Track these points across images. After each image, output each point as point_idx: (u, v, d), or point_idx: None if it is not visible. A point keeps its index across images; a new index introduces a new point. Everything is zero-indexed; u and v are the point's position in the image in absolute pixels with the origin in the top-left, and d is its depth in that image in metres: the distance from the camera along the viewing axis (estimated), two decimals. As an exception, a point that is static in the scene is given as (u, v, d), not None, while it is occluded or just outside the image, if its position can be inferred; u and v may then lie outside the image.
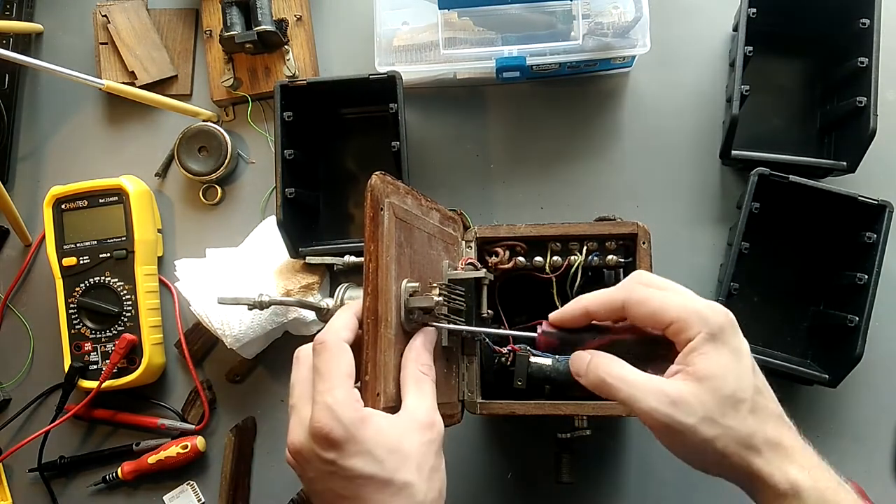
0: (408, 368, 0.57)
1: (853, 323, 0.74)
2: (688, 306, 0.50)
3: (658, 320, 0.51)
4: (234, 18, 0.88)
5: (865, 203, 0.75)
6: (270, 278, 0.84)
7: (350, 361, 0.53)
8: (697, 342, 0.49)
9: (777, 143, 0.85)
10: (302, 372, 0.55)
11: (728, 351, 0.49)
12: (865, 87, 0.77)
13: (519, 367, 0.69)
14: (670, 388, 0.49)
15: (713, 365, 0.49)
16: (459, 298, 0.63)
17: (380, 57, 0.83)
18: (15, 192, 0.94)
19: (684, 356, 0.50)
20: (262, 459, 0.87)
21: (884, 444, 0.80)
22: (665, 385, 0.49)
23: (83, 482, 0.88)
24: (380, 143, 0.85)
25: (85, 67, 0.92)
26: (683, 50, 0.89)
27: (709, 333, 0.49)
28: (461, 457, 0.83)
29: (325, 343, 0.54)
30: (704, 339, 0.49)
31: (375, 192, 0.56)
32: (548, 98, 0.90)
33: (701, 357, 0.49)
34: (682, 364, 0.50)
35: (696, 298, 0.51)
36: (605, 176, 0.88)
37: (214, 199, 0.92)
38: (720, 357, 0.49)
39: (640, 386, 0.50)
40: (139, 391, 0.87)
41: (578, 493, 0.81)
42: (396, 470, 0.51)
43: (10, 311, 0.92)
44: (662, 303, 0.51)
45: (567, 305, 0.55)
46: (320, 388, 0.51)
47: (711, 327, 0.49)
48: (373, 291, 0.54)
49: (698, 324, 0.49)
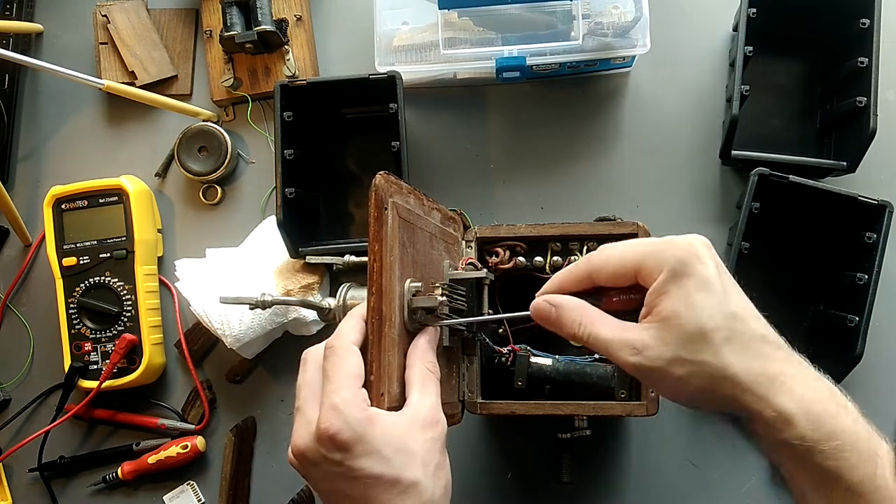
0: (414, 366, 0.57)
1: (853, 323, 0.74)
2: (644, 250, 0.50)
3: (623, 276, 0.50)
4: (234, 18, 0.88)
5: (865, 203, 0.76)
6: (270, 278, 0.84)
7: (358, 363, 0.53)
8: (658, 283, 0.48)
9: (777, 143, 0.85)
10: (309, 374, 0.55)
11: (692, 284, 0.48)
12: (865, 87, 0.77)
13: (519, 367, 0.69)
14: (635, 336, 0.49)
15: (675, 303, 0.48)
16: (461, 298, 0.63)
17: (380, 57, 0.83)
18: (15, 192, 0.94)
19: (649, 298, 0.49)
20: (262, 459, 0.86)
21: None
22: (630, 334, 0.49)
23: (83, 482, 0.88)
24: (380, 143, 0.85)
25: (85, 67, 0.92)
26: (683, 50, 0.89)
27: (669, 271, 0.48)
28: (461, 457, 0.83)
29: (334, 347, 0.54)
30: (665, 278, 0.48)
31: (379, 191, 0.56)
32: (548, 98, 0.90)
33: (662, 297, 0.48)
34: (647, 307, 0.49)
35: (656, 240, 0.50)
36: (605, 176, 0.88)
37: (214, 199, 0.92)
38: (681, 292, 0.48)
39: (611, 339, 0.50)
40: (139, 391, 0.87)
41: (578, 493, 0.81)
42: (403, 468, 0.51)
43: (10, 311, 0.92)
44: (621, 257, 0.50)
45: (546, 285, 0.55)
46: (328, 390, 0.52)
47: (670, 264, 0.48)
48: (377, 291, 0.54)
49: (656, 265, 0.49)
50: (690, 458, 0.82)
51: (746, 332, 0.48)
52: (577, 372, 0.69)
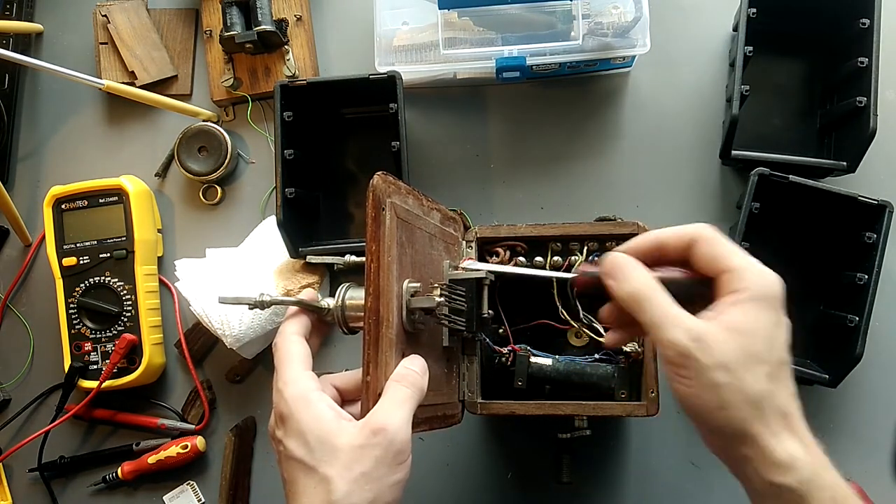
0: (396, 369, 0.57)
1: (853, 323, 0.74)
2: (752, 262, 0.50)
3: (719, 264, 0.51)
4: (234, 18, 0.88)
5: (865, 203, 0.75)
6: (270, 278, 0.84)
7: (300, 349, 0.57)
8: (742, 296, 0.49)
9: (777, 143, 0.85)
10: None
11: (768, 316, 0.49)
12: (865, 87, 0.77)
13: (519, 367, 0.69)
14: (698, 325, 0.49)
15: (748, 321, 0.49)
16: (460, 299, 0.63)
17: (380, 57, 0.83)
18: (15, 192, 0.94)
19: (724, 304, 0.50)
20: (262, 459, 0.87)
21: (884, 444, 0.81)
22: (694, 322, 0.49)
23: (83, 482, 0.88)
24: (380, 143, 0.85)
25: (85, 67, 0.92)
26: (683, 50, 0.89)
27: (760, 293, 0.49)
28: (461, 457, 0.83)
29: (275, 343, 0.59)
30: (751, 296, 0.49)
31: (377, 192, 0.56)
32: (548, 98, 0.90)
33: (739, 311, 0.49)
34: (717, 311, 0.50)
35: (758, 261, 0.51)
36: (605, 176, 0.88)
37: (214, 199, 0.92)
38: (758, 317, 0.49)
39: (668, 314, 0.50)
40: (139, 391, 0.87)
41: (578, 493, 0.81)
42: (321, 461, 0.51)
43: (10, 311, 0.92)
44: (730, 249, 0.51)
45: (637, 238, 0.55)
46: (276, 377, 0.56)
47: (763, 289, 0.49)
48: (374, 292, 0.54)
49: (753, 281, 0.49)
50: (690, 458, 0.82)
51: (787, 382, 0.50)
52: (578, 372, 0.69)
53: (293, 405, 0.53)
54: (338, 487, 0.50)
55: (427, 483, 0.82)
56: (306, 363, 0.57)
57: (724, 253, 0.51)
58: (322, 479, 0.51)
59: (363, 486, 0.50)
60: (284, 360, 0.57)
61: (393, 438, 0.52)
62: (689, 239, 0.52)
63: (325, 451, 0.51)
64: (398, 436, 0.52)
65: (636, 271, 0.53)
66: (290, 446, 0.52)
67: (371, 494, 0.51)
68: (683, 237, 0.53)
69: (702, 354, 0.48)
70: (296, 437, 0.52)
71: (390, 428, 0.52)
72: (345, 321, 0.60)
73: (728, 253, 0.51)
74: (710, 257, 0.51)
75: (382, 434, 0.51)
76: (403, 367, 0.56)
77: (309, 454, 0.51)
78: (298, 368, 0.56)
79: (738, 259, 0.50)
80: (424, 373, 0.57)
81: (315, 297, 0.61)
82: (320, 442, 0.51)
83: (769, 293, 0.50)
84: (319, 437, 0.52)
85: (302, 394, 0.54)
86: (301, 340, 0.58)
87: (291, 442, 0.52)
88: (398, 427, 0.52)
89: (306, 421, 0.52)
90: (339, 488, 0.50)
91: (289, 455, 0.53)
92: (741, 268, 0.50)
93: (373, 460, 0.51)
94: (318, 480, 0.51)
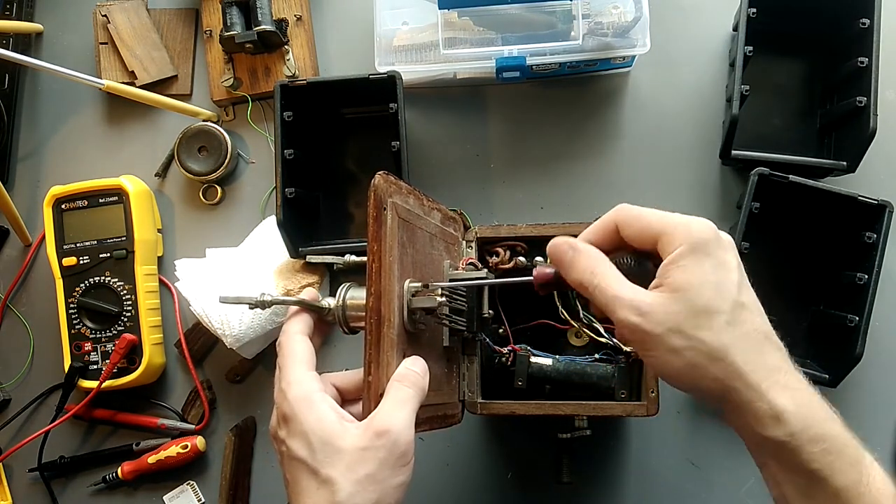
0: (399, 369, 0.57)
1: (853, 323, 0.74)
2: (675, 220, 0.50)
3: (648, 235, 0.51)
4: (234, 18, 0.88)
5: (865, 203, 0.76)
6: (270, 278, 0.84)
7: (304, 348, 0.57)
8: (677, 254, 0.49)
9: (777, 143, 0.85)
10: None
11: (710, 263, 0.48)
12: (865, 87, 0.77)
13: (519, 367, 0.69)
14: (642, 298, 0.49)
15: (689, 276, 0.48)
16: (461, 298, 0.63)
17: (380, 57, 0.83)
18: (15, 192, 0.94)
19: (664, 268, 0.49)
20: (262, 459, 0.87)
21: (884, 444, 0.80)
22: (639, 296, 0.49)
23: (83, 482, 0.88)
24: (380, 143, 0.85)
25: (85, 67, 0.92)
26: (683, 50, 0.89)
27: (690, 245, 0.49)
28: (461, 457, 0.83)
29: (279, 342, 0.59)
30: (685, 251, 0.49)
31: (378, 191, 0.56)
32: (548, 98, 0.90)
33: (678, 269, 0.48)
34: (661, 278, 0.49)
35: (683, 216, 0.51)
36: (605, 176, 0.88)
37: (214, 199, 0.92)
38: (698, 268, 0.48)
39: (615, 295, 0.49)
40: (139, 391, 0.87)
41: (578, 493, 0.81)
42: (323, 463, 0.51)
43: (10, 311, 0.92)
44: (651, 217, 0.51)
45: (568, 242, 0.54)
46: (279, 377, 0.56)
47: (694, 239, 0.49)
48: (375, 292, 0.54)
49: (682, 236, 0.49)
50: (690, 458, 0.82)
51: (751, 324, 0.49)
52: (578, 372, 0.69)
53: (296, 406, 0.53)
54: (341, 489, 0.50)
55: (427, 483, 0.82)
56: (310, 363, 0.57)
57: (647, 223, 0.51)
58: (325, 481, 0.50)
59: (367, 488, 0.50)
60: (288, 359, 0.57)
61: (397, 440, 0.51)
62: (613, 227, 0.53)
63: (328, 452, 0.51)
64: (402, 437, 0.52)
65: (578, 256, 0.52)
66: (293, 447, 0.52)
67: (375, 496, 0.50)
68: (608, 227, 0.53)
69: (651, 326, 0.48)
70: (299, 438, 0.52)
71: (394, 430, 0.52)
72: (346, 321, 0.60)
73: (650, 222, 0.51)
74: (638, 233, 0.51)
75: (386, 436, 0.51)
76: (405, 368, 0.56)
77: (312, 456, 0.51)
78: (302, 369, 0.56)
79: (663, 222, 0.50)
80: (425, 373, 0.57)
81: (316, 296, 0.61)
82: (323, 444, 0.51)
83: (700, 240, 0.49)
84: (323, 439, 0.51)
85: (305, 395, 0.54)
86: (305, 340, 0.58)
87: (294, 443, 0.52)
88: (402, 429, 0.52)
89: (310, 422, 0.52)
90: (342, 490, 0.50)
91: (291, 456, 0.53)
92: (667, 229, 0.50)
93: (377, 462, 0.51)
94: (322, 482, 0.51)
